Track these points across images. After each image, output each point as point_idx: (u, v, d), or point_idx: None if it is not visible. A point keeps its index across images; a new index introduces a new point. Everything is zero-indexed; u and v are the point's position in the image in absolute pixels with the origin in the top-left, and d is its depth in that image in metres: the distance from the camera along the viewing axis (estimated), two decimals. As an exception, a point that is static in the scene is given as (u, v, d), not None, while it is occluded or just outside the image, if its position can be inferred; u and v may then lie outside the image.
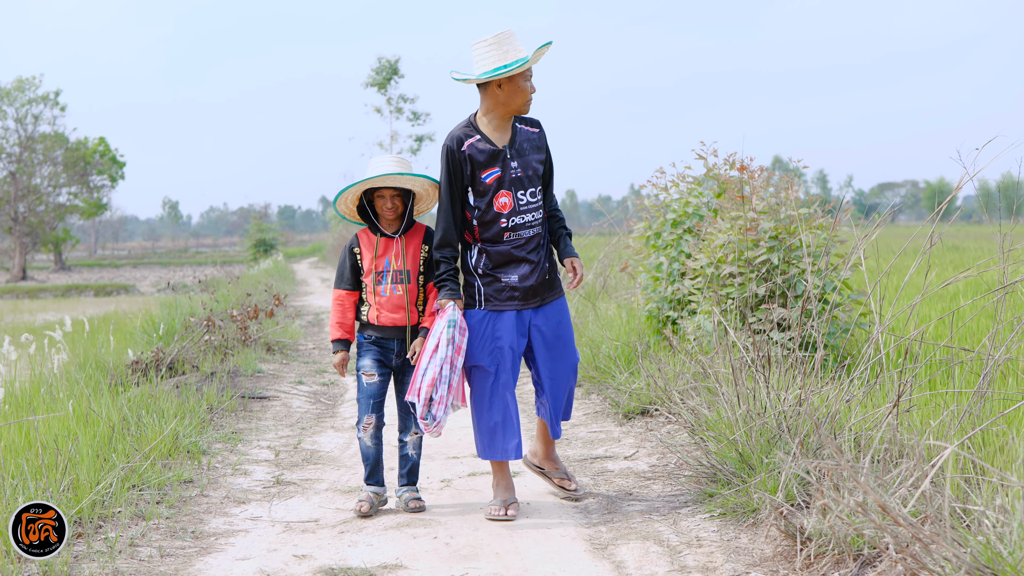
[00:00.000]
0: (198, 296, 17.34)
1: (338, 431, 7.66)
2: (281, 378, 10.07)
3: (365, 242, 5.51)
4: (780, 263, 7.95)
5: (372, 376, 5.51)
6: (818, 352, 5.57)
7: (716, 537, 4.89)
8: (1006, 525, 3.73)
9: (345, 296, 5.54)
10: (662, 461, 6.38)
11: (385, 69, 36.84)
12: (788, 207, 8.39)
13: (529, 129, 5.46)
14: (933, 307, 10.54)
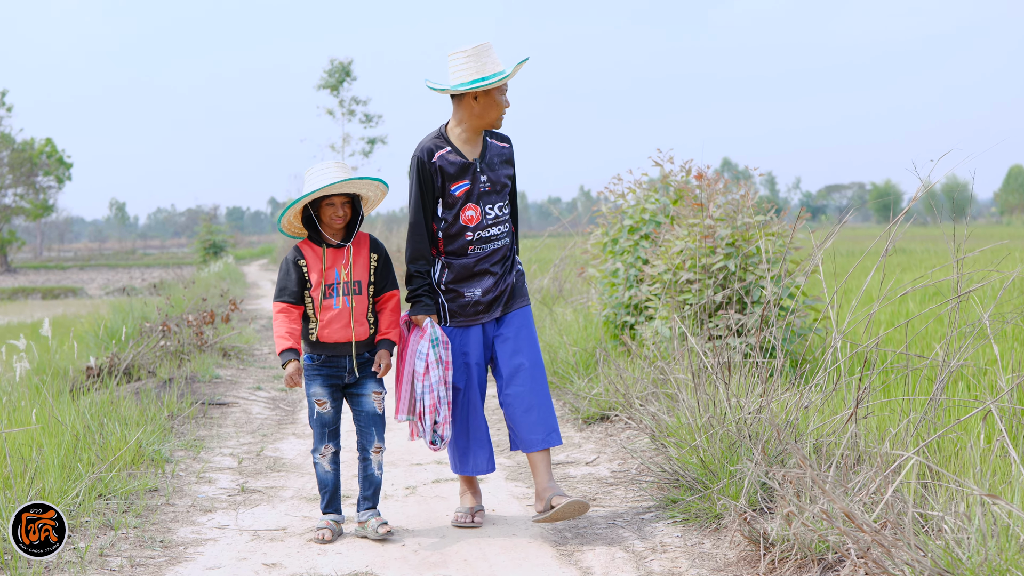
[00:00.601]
0: (152, 300, 17.27)
1: (299, 437, 7.69)
2: (239, 384, 10.07)
3: (310, 254, 5.15)
4: (737, 270, 8.07)
5: (324, 404, 5.21)
6: (778, 359, 5.67)
7: (680, 543, 4.98)
8: (964, 530, 3.85)
9: (290, 307, 5.14)
10: (623, 467, 6.46)
11: (338, 71, 36.81)
12: (744, 214, 8.52)
13: (499, 144, 5.41)
14: (882, 311, 10.72)
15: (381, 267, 5.25)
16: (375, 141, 38.04)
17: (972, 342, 5.65)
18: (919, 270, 18.30)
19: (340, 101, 37.37)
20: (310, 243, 5.17)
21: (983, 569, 3.57)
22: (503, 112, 5.29)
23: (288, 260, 5.18)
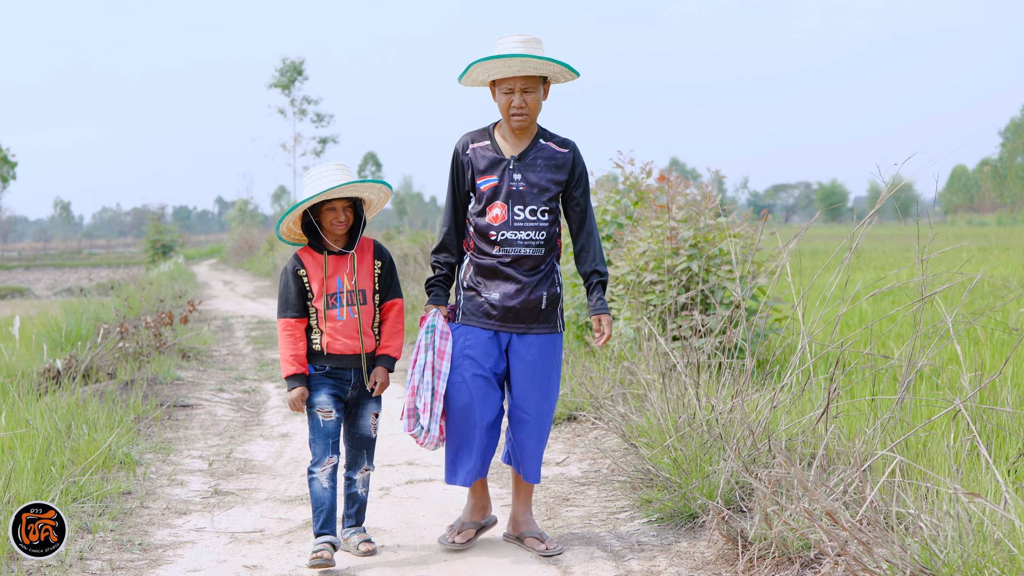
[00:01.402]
0: (104, 300, 17.13)
1: (267, 439, 7.69)
2: (201, 385, 10.04)
3: (310, 262, 4.91)
4: (700, 271, 8.17)
5: (330, 413, 4.91)
6: (748, 360, 5.76)
7: (656, 542, 5.06)
8: (939, 528, 3.95)
9: (295, 324, 4.89)
10: (594, 467, 6.53)
11: (289, 70, 36.73)
12: (707, 216, 8.62)
13: (555, 148, 5.04)
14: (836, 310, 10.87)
15: (385, 274, 5.03)
16: (327, 140, 38.06)
17: (937, 342, 5.77)
18: (869, 270, 18.54)
19: (291, 100, 37.34)
20: (310, 250, 4.95)
21: (961, 565, 3.66)
22: (512, 112, 4.92)
23: (287, 270, 4.94)
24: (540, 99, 4.95)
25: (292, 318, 4.90)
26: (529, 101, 4.89)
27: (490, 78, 4.92)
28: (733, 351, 6.82)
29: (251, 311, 19.14)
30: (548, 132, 5.08)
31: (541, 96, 4.96)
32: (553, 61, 4.83)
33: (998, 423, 5.66)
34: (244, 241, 42.48)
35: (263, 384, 10.27)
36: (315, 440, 4.94)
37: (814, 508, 4.11)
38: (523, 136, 5.01)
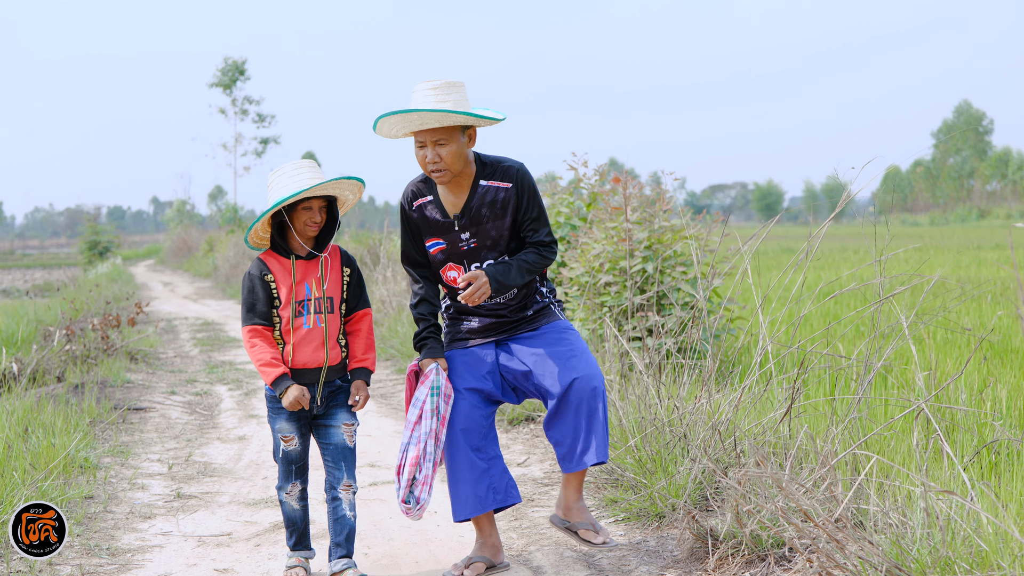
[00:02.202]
0: (44, 302, 16.92)
1: (225, 442, 7.66)
2: (152, 388, 9.96)
3: (277, 267, 4.58)
4: (655, 272, 8.25)
5: (292, 440, 4.63)
6: (709, 360, 5.83)
7: (625, 540, 5.11)
8: (906, 525, 4.04)
9: (263, 330, 4.54)
10: (556, 467, 6.57)
11: (231, 69, 36.49)
12: (661, 218, 8.71)
13: (497, 186, 4.64)
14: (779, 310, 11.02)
15: (354, 283, 4.71)
16: (268, 141, 37.86)
17: (892, 343, 5.88)
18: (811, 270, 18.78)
19: (233, 100, 37.09)
20: (274, 254, 4.61)
21: (931, 561, 3.75)
22: (428, 166, 4.53)
23: (253, 275, 4.58)
24: (460, 148, 4.51)
25: (260, 325, 4.54)
26: (444, 155, 4.47)
27: (401, 132, 4.53)
28: (691, 352, 6.90)
29: (194, 312, 19.00)
30: (488, 163, 4.66)
31: (462, 144, 4.52)
32: (457, 112, 4.40)
33: (953, 420, 5.79)
34: (183, 242, 42.11)
35: (215, 387, 10.21)
36: (278, 462, 4.70)
37: (788, 506, 4.18)
38: (459, 186, 4.63)
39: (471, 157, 4.63)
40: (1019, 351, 8.72)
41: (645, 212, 8.79)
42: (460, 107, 4.44)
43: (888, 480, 4.46)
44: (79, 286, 22.33)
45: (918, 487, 4.10)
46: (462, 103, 4.47)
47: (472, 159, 4.63)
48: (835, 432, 4.85)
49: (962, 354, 8.46)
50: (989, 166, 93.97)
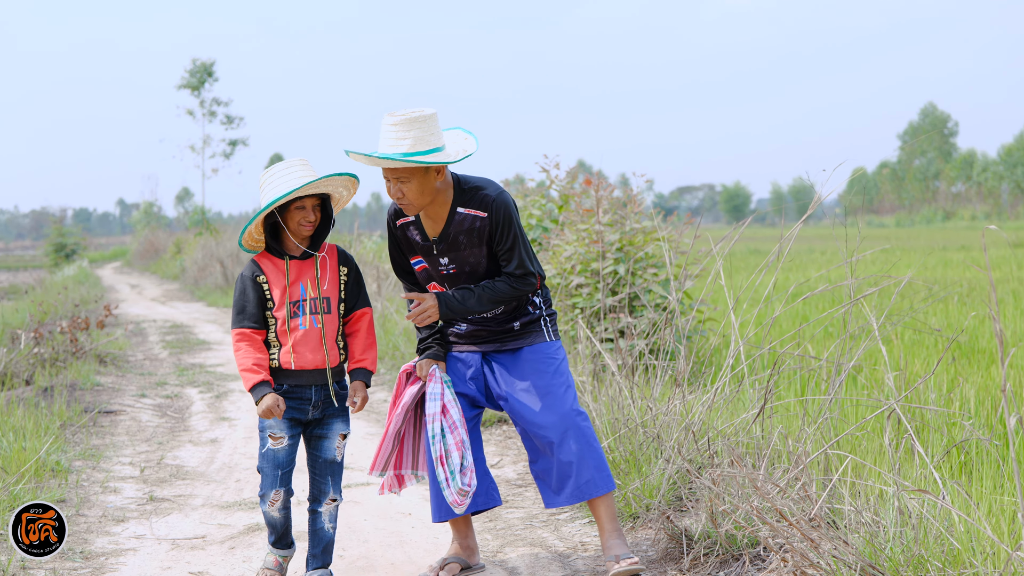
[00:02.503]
0: (15, 305, 16.80)
1: (197, 445, 7.64)
2: (122, 391, 9.92)
3: (271, 268, 4.45)
4: (626, 274, 8.29)
5: (281, 440, 4.44)
6: (681, 362, 5.87)
7: (599, 542, 5.13)
8: (880, 523, 4.08)
9: (253, 333, 4.41)
10: (529, 468, 6.59)
11: (199, 71, 36.36)
12: (632, 219, 8.76)
13: (473, 214, 4.55)
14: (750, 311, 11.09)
15: (352, 282, 4.59)
16: (236, 143, 37.76)
17: (862, 344, 5.93)
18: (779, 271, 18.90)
19: (201, 102, 36.96)
20: (268, 256, 4.48)
21: (904, 560, 3.79)
22: (395, 199, 4.49)
23: (245, 277, 4.44)
24: (424, 184, 4.43)
25: (250, 328, 4.41)
26: (406, 191, 4.42)
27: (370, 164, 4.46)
28: (663, 353, 6.94)
29: (163, 315, 18.91)
30: (466, 189, 4.57)
31: (427, 179, 4.43)
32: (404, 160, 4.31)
33: (923, 420, 5.85)
34: (150, 244, 41.90)
35: (185, 389, 10.18)
36: (262, 469, 4.48)
37: (763, 506, 4.22)
38: (437, 213, 4.57)
39: (449, 181, 4.56)
40: (986, 351, 8.81)
41: (616, 214, 8.83)
42: (419, 145, 4.35)
43: (860, 480, 4.50)
44: (46, 288, 22.17)
45: (891, 486, 4.14)
46: (425, 140, 4.37)
47: (450, 184, 4.57)
48: (808, 432, 4.89)
49: (929, 354, 8.55)
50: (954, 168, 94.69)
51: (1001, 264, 20.60)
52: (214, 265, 25.00)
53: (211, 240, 27.75)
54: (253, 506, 5.92)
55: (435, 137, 4.42)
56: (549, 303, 4.84)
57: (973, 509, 3.94)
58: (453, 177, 4.60)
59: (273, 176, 4.40)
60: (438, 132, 4.44)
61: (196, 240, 30.47)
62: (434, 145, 4.40)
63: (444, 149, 4.45)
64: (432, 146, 4.39)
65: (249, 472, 6.72)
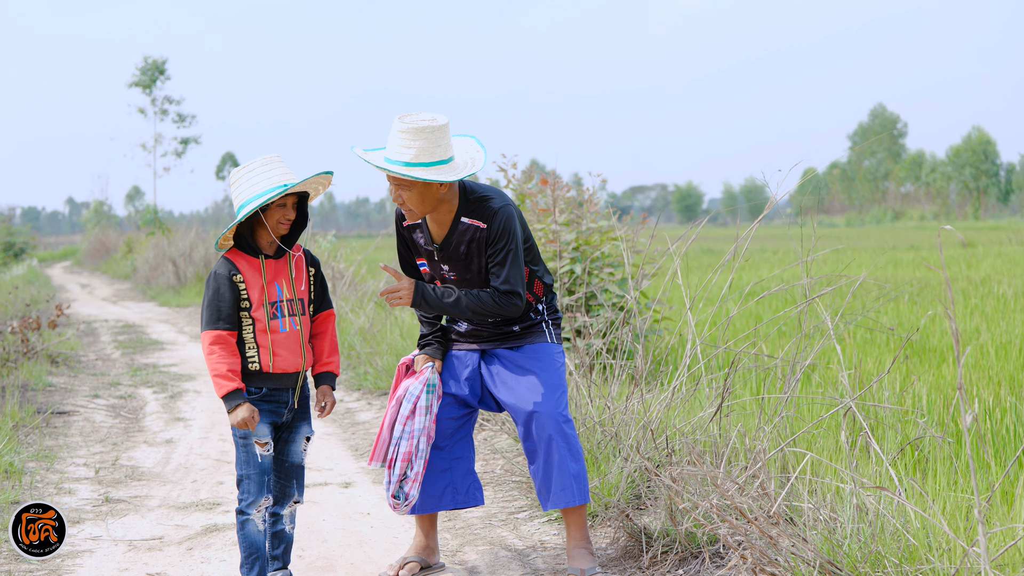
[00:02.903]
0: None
1: (152, 446, 7.58)
2: (75, 392, 9.82)
3: (246, 267, 4.28)
4: (583, 273, 8.32)
5: (267, 446, 4.32)
6: (640, 360, 5.90)
7: (558, 540, 5.15)
8: (838, 520, 4.12)
9: (228, 336, 4.23)
10: (487, 467, 6.60)
11: (151, 69, 36.07)
12: (588, 219, 8.79)
13: (476, 226, 4.50)
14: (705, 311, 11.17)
15: (319, 282, 4.49)
16: (188, 141, 37.51)
17: (817, 343, 5.99)
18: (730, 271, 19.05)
19: (153, 100, 36.69)
20: (242, 254, 4.32)
21: (862, 556, 3.84)
22: (396, 201, 4.46)
23: (221, 276, 4.26)
24: (426, 193, 4.39)
25: (225, 330, 4.23)
26: (407, 198, 4.39)
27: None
28: (620, 352, 6.97)
29: (114, 315, 18.74)
30: (472, 199, 4.52)
31: (429, 189, 4.39)
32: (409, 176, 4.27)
33: (877, 418, 5.91)
34: (100, 243, 41.51)
35: (139, 389, 10.10)
36: (249, 477, 4.30)
37: (723, 504, 4.25)
38: (441, 219, 4.54)
39: (455, 190, 4.50)
40: (936, 350, 8.92)
41: (573, 214, 8.86)
42: (424, 156, 4.29)
43: (818, 478, 4.55)
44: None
45: (848, 483, 4.19)
46: (429, 151, 4.31)
47: (456, 193, 4.51)
48: (765, 431, 4.93)
49: (881, 353, 8.64)
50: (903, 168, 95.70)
51: (950, 264, 20.85)
52: (166, 265, 24.81)
53: (163, 239, 27.54)
54: (210, 507, 5.89)
55: (442, 149, 4.34)
56: (554, 310, 4.81)
57: (929, 505, 3.99)
58: (460, 185, 4.54)
59: (253, 173, 4.26)
60: (446, 144, 4.37)
61: (148, 239, 30.24)
62: (440, 157, 4.34)
63: (451, 161, 4.39)
64: (437, 158, 4.33)
65: (206, 473, 6.68)
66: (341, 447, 7.42)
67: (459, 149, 4.52)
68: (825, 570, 3.82)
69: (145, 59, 36.24)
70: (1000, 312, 11.55)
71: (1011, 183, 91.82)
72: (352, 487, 6.26)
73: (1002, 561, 3.66)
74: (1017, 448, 5.48)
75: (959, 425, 5.88)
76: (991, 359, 8.19)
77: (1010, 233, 38.43)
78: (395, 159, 4.32)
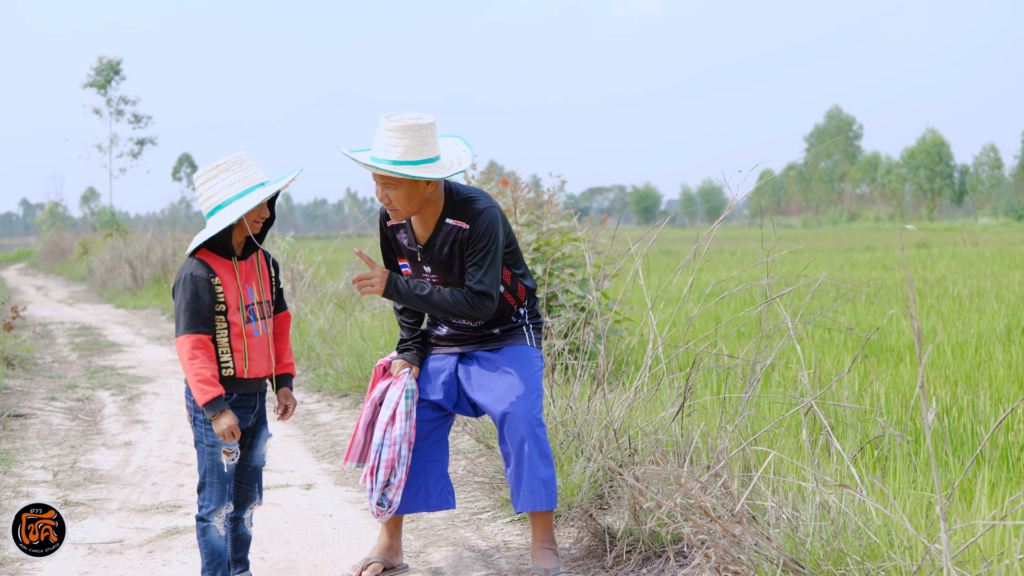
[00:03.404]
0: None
1: (110, 448, 7.52)
2: (32, 394, 9.73)
3: (222, 269, 4.16)
4: (544, 274, 8.33)
5: (234, 454, 4.21)
6: (602, 360, 5.91)
7: (522, 541, 5.16)
8: (800, 519, 4.15)
9: (208, 341, 4.09)
10: (449, 468, 6.58)
11: (106, 69, 35.79)
12: (549, 220, 8.80)
13: (460, 226, 4.49)
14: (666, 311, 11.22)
15: (277, 285, 4.41)
16: (144, 142, 37.27)
17: (778, 342, 6.03)
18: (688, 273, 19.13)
19: (108, 100, 36.42)
20: (213, 255, 4.19)
21: (824, 554, 3.87)
22: (381, 201, 4.45)
23: (197, 278, 4.11)
24: (412, 193, 4.38)
25: (206, 334, 4.10)
26: (394, 198, 4.38)
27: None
28: (582, 353, 6.99)
29: (70, 317, 18.58)
30: (457, 201, 4.52)
31: (415, 189, 4.38)
32: (396, 173, 4.28)
33: (837, 417, 5.96)
34: (55, 245, 41.14)
35: (96, 392, 10.01)
36: (212, 484, 4.19)
37: (687, 502, 4.27)
38: (426, 220, 4.53)
39: (441, 191, 4.50)
40: (894, 350, 9.00)
41: (533, 215, 8.87)
42: (410, 155, 4.29)
43: (780, 476, 4.58)
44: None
45: (810, 482, 4.22)
46: (416, 150, 4.30)
47: (441, 195, 4.50)
48: (728, 430, 4.96)
49: (839, 352, 8.71)
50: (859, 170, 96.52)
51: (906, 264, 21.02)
52: (123, 266, 24.62)
53: (120, 241, 27.32)
54: (171, 509, 5.85)
55: (428, 148, 4.34)
56: (536, 314, 4.81)
57: (891, 503, 4.03)
58: (447, 186, 4.54)
59: (228, 172, 4.13)
60: (433, 142, 4.37)
61: (104, 241, 29.98)
62: (427, 156, 4.33)
63: (437, 160, 4.39)
64: (424, 156, 4.33)
65: (165, 475, 6.63)
66: (302, 449, 7.39)
67: (445, 148, 4.53)
68: (788, 568, 3.84)
69: (100, 59, 36.00)
70: (956, 312, 11.67)
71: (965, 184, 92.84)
72: (314, 489, 6.23)
73: (963, 558, 3.70)
74: (974, 446, 5.54)
75: (918, 424, 5.94)
76: (948, 359, 8.28)
77: (964, 234, 38.88)
78: (382, 158, 4.32)
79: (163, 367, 11.78)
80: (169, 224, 34.62)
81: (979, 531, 3.74)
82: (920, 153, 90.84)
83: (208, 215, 4.16)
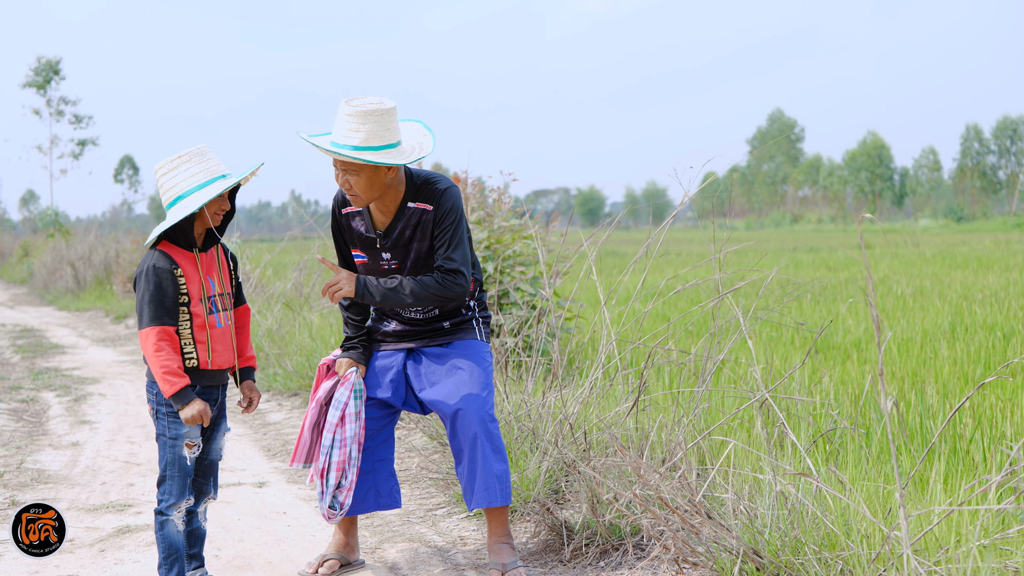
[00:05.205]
0: None
1: (57, 448, 7.42)
2: (-26, 396, 9.59)
3: (183, 260, 4.13)
4: (495, 272, 8.33)
5: (196, 446, 4.18)
6: (556, 356, 5.92)
7: (478, 536, 5.15)
8: (757, 510, 4.18)
9: (172, 332, 4.06)
10: (403, 465, 6.57)
11: (45, 69, 35.35)
12: (500, 218, 8.80)
13: (422, 209, 4.47)
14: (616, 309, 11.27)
15: (238, 277, 4.37)
16: (86, 143, 36.85)
17: (730, 339, 6.07)
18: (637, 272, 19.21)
19: (48, 100, 35.97)
20: (174, 247, 4.16)
21: (782, 544, 3.89)
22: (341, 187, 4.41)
23: (159, 269, 4.07)
24: (373, 179, 4.34)
25: (171, 326, 4.06)
26: (353, 183, 4.34)
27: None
28: (535, 350, 6.99)
29: (11, 319, 18.33)
30: (418, 184, 4.50)
31: (377, 174, 4.34)
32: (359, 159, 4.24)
33: (789, 411, 6.00)
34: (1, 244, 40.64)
35: (41, 393, 9.88)
36: (172, 478, 4.15)
37: (646, 494, 4.28)
38: (387, 206, 4.49)
39: (401, 176, 4.47)
40: (840, 347, 9.10)
41: (484, 212, 8.87)
42: (372, 140, 4.26)
43: (736, 469, 4.60)
44: None
45: (767, 473, 4.24)
46: (378, 135, 4.27)
47: (402, 179, 4.47)
48: (684, 423, 4.98)
49: (787, 350, 8.79)
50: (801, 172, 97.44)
51: (849, 264, 21.29)
52: (64, 268, 24.32)
53: (61, 242, 26.99)
54: (121, 508, 5.78)
55: (390, 133, 4.31)
56: (484, 307, 4.79)
57: (848, 490, 4.07)
58: (406, 171, 4.51)
59: (189, 163, 4.10)
60: (395, 127, 4.33)
61: (45, 243, 29.63)
62: (388, 141, 4.30)
63: (399, 146, 4.36)
64: (386, 142, 4.29)
65: (114, 475, 6.56)
66: (253, 447, 7.34)
67: (406, 133, 4.49)
68: (747, 558, 3.87)
69: (38, 59, 35.63)
70: (900, 311, 11.82)
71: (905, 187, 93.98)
72: (266, 487, 6.19)
73: (919, 545, 3.74)
74: (925, 439, 5.60)
75: (868, 418, 6.00)
76: (894, 356, 8.37)
77: (905, 236, 39.37)
78: (343, 143, 4.27)
79: (108, 368, 11.65)
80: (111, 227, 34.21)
81: (935, 519, 3.79)
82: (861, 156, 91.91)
83: (168, 206, 4.13)
